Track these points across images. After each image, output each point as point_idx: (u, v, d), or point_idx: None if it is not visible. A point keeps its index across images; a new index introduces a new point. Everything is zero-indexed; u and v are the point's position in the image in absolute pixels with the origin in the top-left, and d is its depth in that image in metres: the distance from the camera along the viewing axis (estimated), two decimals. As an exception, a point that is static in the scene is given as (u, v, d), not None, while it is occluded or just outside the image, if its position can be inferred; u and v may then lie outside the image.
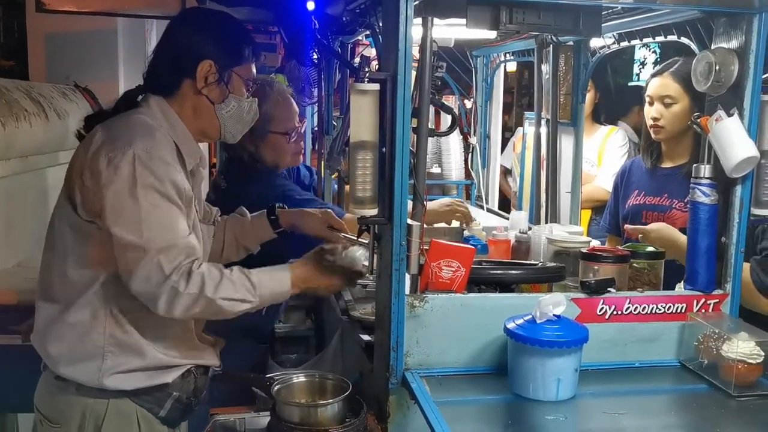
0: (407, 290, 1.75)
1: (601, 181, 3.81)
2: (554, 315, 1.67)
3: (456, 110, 3.54)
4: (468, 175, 4.05)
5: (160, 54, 1.86)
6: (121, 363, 1.75)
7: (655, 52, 7.92)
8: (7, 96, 3.22)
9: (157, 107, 1.82)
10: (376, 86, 1.65)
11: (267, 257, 2.08)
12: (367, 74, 1.70)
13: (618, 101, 4.56)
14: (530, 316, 1.68)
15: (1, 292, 2.79)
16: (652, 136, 2.57)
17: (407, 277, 1.74)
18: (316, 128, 3.45)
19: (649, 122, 2.56)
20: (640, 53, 8.33)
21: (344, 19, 2.37)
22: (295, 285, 1.79)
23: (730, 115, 1.80)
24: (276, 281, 1.78)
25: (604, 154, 3.95)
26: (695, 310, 1.88)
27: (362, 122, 1.67)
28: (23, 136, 3.10)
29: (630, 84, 6.35)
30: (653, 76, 2.59)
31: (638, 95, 4.78)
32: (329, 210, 2.15)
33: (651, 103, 2.55)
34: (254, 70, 1.91)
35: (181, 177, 1.74)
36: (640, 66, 8.52)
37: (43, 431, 1.84)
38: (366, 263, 1.82)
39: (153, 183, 1.66)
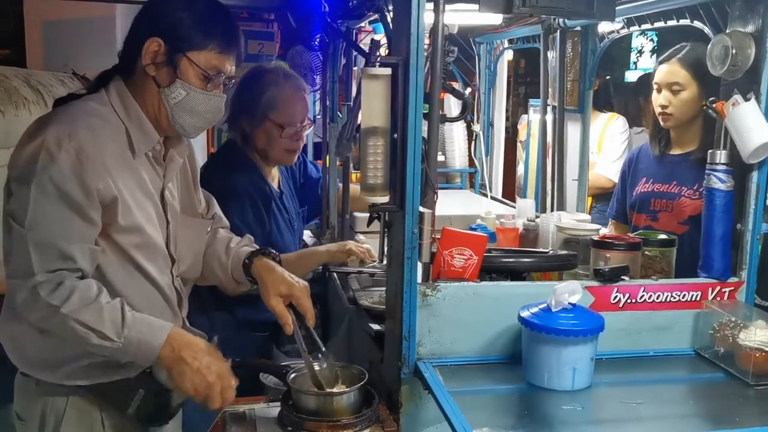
0: (419, 279, 1.72)
1: (600, 168, 3.79)
2: (569, 303, 1.65)
3: (460, 97, 3.50)
4: (471, 162, 4.02)
5: (128, 33, 1.77)
6: (73, 357, 1.68)
7: (652, 40, 7.89)
8: (6, 84, 3.18)
9: (115, 90, 1.74)
10: (387, 71, 1.62)
11: None
12: (379, 59, 1.66)
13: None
14: (545, 305, 1.66)
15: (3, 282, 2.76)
16: (661, 123, 2.54)
17: (419, 265, 1.72)
18: (318, 116, 3.41)
19: (657, 110, 2.53)
20: (637, 41, 8.31)
21: (351, 2, 2.32)
22: (169, 344, 1.62)
23: (746, 99, 1.77)
24: (150, 330, 1.62)
25: (603, 141, 3.93)
26: (710, 298, 1.86)
27: (373, 108, 1.64)
28: (23, 125, 3.05)
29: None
30: (661, 62, 2.55)
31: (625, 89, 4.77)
32: (307, 285, 1.86)
33: (659, 90, 2.52)
34: (225, 64, 1.74)
35: (106, 173, 1.62)
36: (638, 54, 8.50)
37: (18, 428, 1.80)
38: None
39: (53, 175, 1.57)
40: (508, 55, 3.91)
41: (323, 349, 1.77)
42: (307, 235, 3.25)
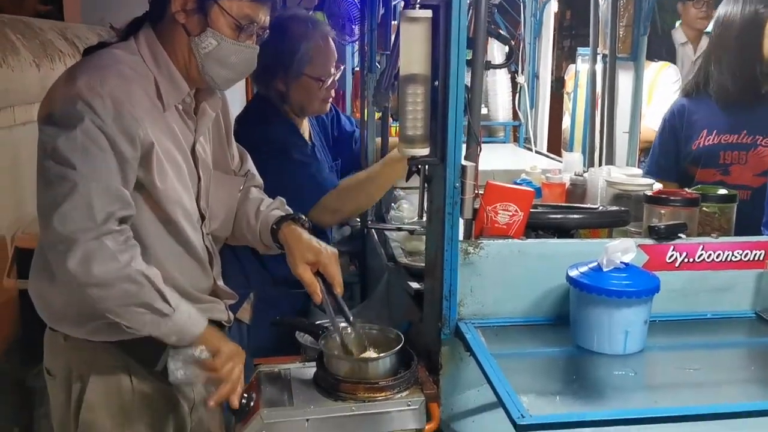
0: (460, 236, 1.63)
1: (650, 120, 3.60)
2: (622, 262, 1.55)
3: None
4: (515, 116, 3.89)
5: None
6: (100, 314, 1.61)
7: (702, -12, 7.52)
8: (42, 37, 3.14)
9: (144, 39, 1.67)
10: (428, 13, 1.51)
11: None
12: (419, 1, 1.55)
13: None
14: (595, 264, 1.56)
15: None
16: None
17: (460, 221, 1.63)
18: (356, 68, 3.30)
19: None
20: (687, -11, 7.92)
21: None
22: (205, 335, 1.62)
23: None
24: (195, 313, 1.62)
25: (654, 91, 3.73)
26: (774, 257, 1.73)
27: (413, 53, 1.53)
28: (58, 78, 3.04)
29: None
30: None
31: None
32: (335, 252, 1.79)
33: None
34: (258, 13, 1.66)
35: (141, 121, 1.57)
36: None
37: (48, 383, 1.80)
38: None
39: (94, 121, 1.50)
40: (554, 6, 3.75)
41: (351, 318, 1.71)
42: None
